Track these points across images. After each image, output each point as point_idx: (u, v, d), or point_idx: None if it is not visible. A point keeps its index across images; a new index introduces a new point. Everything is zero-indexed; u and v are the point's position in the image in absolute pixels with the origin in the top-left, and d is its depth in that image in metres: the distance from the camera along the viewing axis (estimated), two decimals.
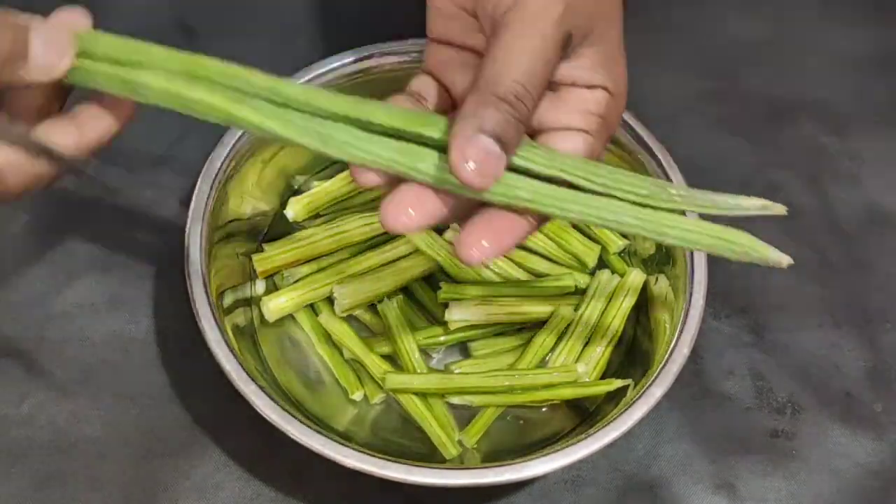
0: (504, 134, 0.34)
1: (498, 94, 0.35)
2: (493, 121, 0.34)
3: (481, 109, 0.34)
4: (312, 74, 0.52)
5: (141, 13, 0.65)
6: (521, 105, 0.35)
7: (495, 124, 0.34)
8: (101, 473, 0.48)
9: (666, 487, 0.49)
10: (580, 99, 0.39)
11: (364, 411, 0.50)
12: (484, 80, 0.35)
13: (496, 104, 0.34)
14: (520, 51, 0.35)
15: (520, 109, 0.35)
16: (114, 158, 0.58)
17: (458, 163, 0.34)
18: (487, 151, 0.34)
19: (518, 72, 0.35)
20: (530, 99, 0.35)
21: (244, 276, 0.52)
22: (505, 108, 0.35)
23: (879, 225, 0.59)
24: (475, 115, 0.34)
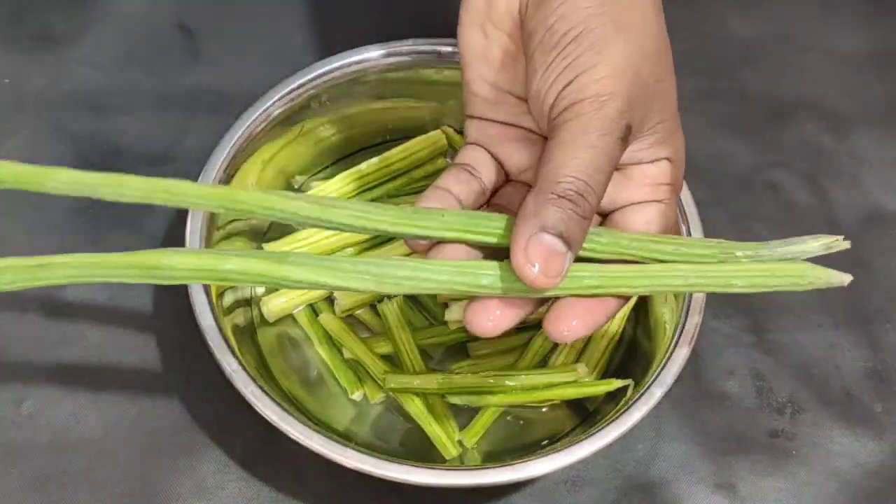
0: (567, 231, 0.34)
1: (558, 192, 0.34)
2: (556, 218, 0.34)
3: (542, 208, 0.34)
4: (312, 74, 0.52)
5: (141, 13, 0.65)
6: (583, 201, 0.34)
7: (558, 222, 0.34)
8: (101, 474, 0.48)
9: (666, 487, 0.49)
10: (646, 175, 0.39)
11: (364, 411, 0.50)
12: (544, 178, 0.34)
13: (557, 202, 0.34)
14: (580, 148, 0.35)
15: (582, 205, 0.34)
16: (114, 158, 0.58)
17: (523, 265, 0.33)
18: (552, 251, 0.33)
19: (579, 168, 0.34)
20: (593, 195, 0.35)
21: None
22: (567, 206, 0.34)
23: (879, 225, 0.59)
24: (536, 214, 0.34)
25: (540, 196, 0.34)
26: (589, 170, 0.34)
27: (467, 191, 0.41)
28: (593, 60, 0.35)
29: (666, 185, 0.40)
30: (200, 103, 0.61)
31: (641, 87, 0.36)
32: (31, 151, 0.58)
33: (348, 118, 0.56)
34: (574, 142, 0.35)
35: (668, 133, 0.39)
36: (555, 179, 0.34)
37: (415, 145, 0.56)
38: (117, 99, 0.61)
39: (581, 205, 0.34)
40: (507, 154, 0.42)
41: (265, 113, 0.51)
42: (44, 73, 0.62)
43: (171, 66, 0.63)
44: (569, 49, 0.36)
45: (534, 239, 0.33)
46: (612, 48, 0.35)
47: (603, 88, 0.35)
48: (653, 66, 0.37)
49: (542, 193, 0.34)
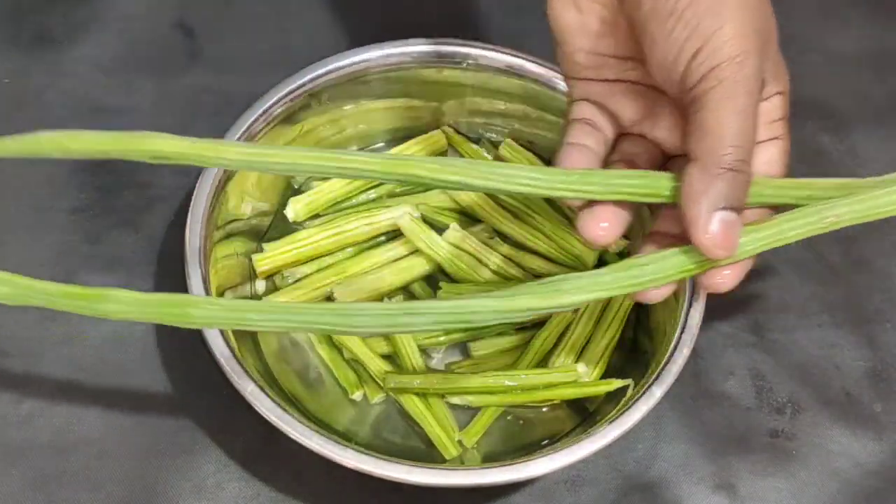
0: (736, 201, 0.36)
1: (723, 166, 0.36)
2: (727, 193, 0.36)
3: (712, 186, 0.36)
4: (312, 74, 0.52)
5: (141, 13, 0.65)
6: (744, 166, 0.36)
7: (730, 196, 0.36)
8: (101, 473, 0.48)
9: (666, 487, 0.49)
10: (763, 113, 0.40)
11: (364, 411, 0.50)
12: (707, 154, 0.36)
13: (724, 176, 0.36)
14: (731, 115, 0.36)
15: (745, 171, 0.36)
16: (114, 159, 0.58)
17: (708, 247, 0.36)
18: (727, 223, 0.36)
19: (735, 137, 0.36)
20: (749, 154, 0.37)
21: (244, 276, 0.52)
22: (732, 177, 0.36)
23: (879, 225, 0.58)
24: (707, 193, 0.36)
25: (706, 172, 0.36)
26: (743, 135, 0.36)
27: (597, 141, 0.42)
28: (717, 23, 0.36)
29: (780, 121, 0.41)
30: (200, 103, 0.61)
31: (761, 39, 0.37)
32: None
33: (348, 118, 0.56)
34: (723, 110, 0.36)
35: (776, 67, 0.40)
36: (718, 153, 0.36)
37: (415, 145, 0.56)
38: (117, 99, 0.61)
39: (743, 170, 0.36)
40: (617, 108, 0.43)
41: (265, 113, 0.51)
42: (44, 73, 0.62)
43: (172, 67, 0.63)
44: (687, 15, 0.36)
45: (713, 219, 0.36)
46: (729, 7, 0.36)
47: (734, 49, 0.36)
48: (762, 13, 0.38)
49: (708, 170, 0.36)
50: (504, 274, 0.53)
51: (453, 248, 0.52)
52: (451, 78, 0.55)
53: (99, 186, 0.57)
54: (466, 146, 0.57)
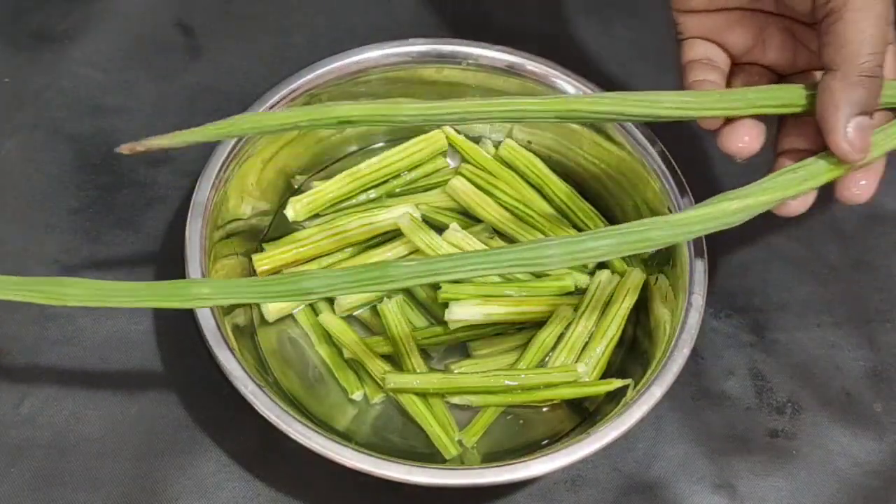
0: (871, 106, 0.39)
1: (863, 73, 0.38)
2: (865, 99, 0.38)
3: (852, 93, 0.38)
4: (312, 74, 0.52)
5: (141, 13, 0.65)
6: (880, 71, 0.39)
7: (868, 102, 0.38)
8: (101, 473, 0.48)
9: (666, 487, 0.49)
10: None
11: (364, 411, 0.50)
12: (846, 61, 0.38)
13: (862, 83, 0.38)
14: (869, 22, 0.38)
15: (879, 75, 0.39)
16: (114, 158, 0.58)
17: (847, 151, 0.39)
18: (863, 128, 0.39)
19: (873, 44, 0.38)
20: (884, 60, 0.39)
21: (244, 275, 0.52)
22: (871, 84, 0.38)
23: (879, 225, 0.59)
24: (848, 100, 0.38)
25: (846, 80, 0.38)
26: (880, 41, 0.38)
27: (718, 76, 0.45)
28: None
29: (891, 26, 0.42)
30: (200, 103, 0.61)
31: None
32: (31, 152, 0.58)
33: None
34: (861, 19, 0.38)
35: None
36: (857, 61, 0.38)
37: (415, 145, 0.56)
38: (117, 99, 0.61)
39: (879, 75, 0.39)
40: (728, 40, 0.46)
41: None
42: (44, 73, 0.62)
43: (171, 66, 0.63)
44: None
45: (853, 126, 0.39)
46: None
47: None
48: None
49: (847, 77, 0.38)
50: (504, 274, 0.53)
51: (453, 248, 0.52)
52: (451, 78, 0.55)
53: (99, 186, 0.57)
54: (466, 146, 0.57)
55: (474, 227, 0.54)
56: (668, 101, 0.42)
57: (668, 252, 0.50)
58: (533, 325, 0.51)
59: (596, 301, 0.51)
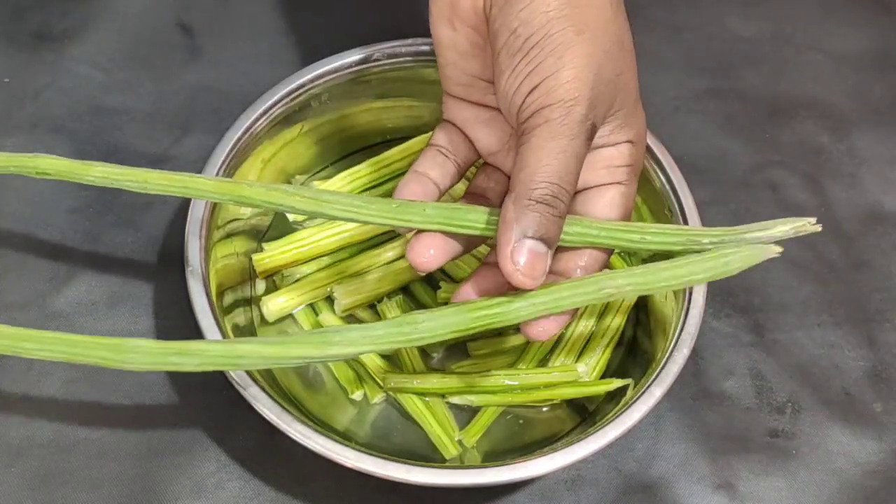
0: (546, 233, 0.37)
1: (534, 198, 0.37)
2: (535, 223, 0.37)
3: (522, 215, 0.37)
4: (313, 74, 0.52)
5: (141, 12, 0.65)
6: (557, 202, 0.37)
7: (537, 226, 0.37)
8: (101, 473, 0.48)
9: (666, 487, 0.49)
10: (607, 157, 0.41)
11: (364, 411, 0.50)
12: (521, 184, 0.37)
13: (534, 207, 0.37)
14: (551, 153, 0.37)
15: (558, 206, 0.37)
16: (113, 158, 0.58)
17: (511, 271, 0.37)
18: (535, 253, 0.37)
19: (550, 173, 0.37)
20: (566, 194, 0.37)
21: (244, 276, 0.52)
22: (544, 210, 0.37)
23: (879, 225, 0.59)
24: (517, 220, 0.37)
25: (518, 203, 0.37)
26: (560, 173, 0.37)
27: (443, 173, 0.44)
28: (556, 65, 0.37)
29: (625, 167, 0.42)
30: (200, 103, 0.61)
31: (604, 86, 0.38)
32: (30, 150, 0.58)
33: (348, 118, 0.56)
34: (544, 147, 0.37)
35: (629, 117, 0.41)
36: (530, 186, 0.37)
37: (415, 145, 0.56)
38: (117, 98, 0.61)
39: (556, 206, 0.37)
40: (478, 136, 0.45)
41: (265, 113, 0.51)
42: (44, 73, 0.62)
43: (171, 66, 0.63)
44: (532, 53, 0.38)
45: (517, 245, 0.37)
46: (573, 52, 0.37)
47: (567, 93, 0.37)
48: (614, 63, 0.39)
49: (519, 200, 0.37)
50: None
51: None
52: None
53: (99, 186, 0.57)
54: None
55: None
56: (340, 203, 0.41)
57: (668, 252, 0.50)
58: None
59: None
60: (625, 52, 0.40)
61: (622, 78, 0.40)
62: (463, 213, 0.41)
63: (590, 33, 0.38)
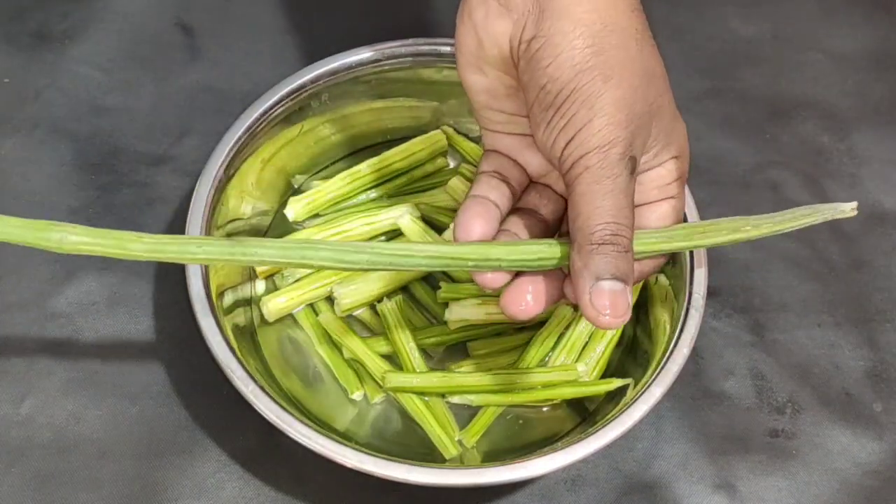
0: (618, 271, 0.37)
1: (596, 241, 0.37)
2: (604, 265, 0.37)
3: (589, 261, 0.37)
4: (312, 74, 0.52)
5: (141, 13, 0.65)
6: (620, 239, 0.38)
7: (607, 266, 0.37)
8: (101, 473, 0.48)
9: (666, 487, 0.49)
10: (655, 178, 0.42)
11: (364, 411, 0.50)
12: (579, 234, 0.38)
13: (598, 250, 0.37)
14: (598, 196, 0.38)
15: (621, 243, 0.38)
16: (113, 158, 0.58)
17: (595, 316, 0.37)
18: (613, 293, 0.37)
19: (604, 214, 0.38)
20: (626, 229, 0.38)
21: (244, 275, 0.52)
22: (608, 250, 0.37)
23: (879, 225, 0.59)
24: (586, 267, 0.37)
25: (582, 251, 0.38)
26: (613, 211, 0.38)
27: (500, 195, 0.44)
28: (588, 115, 0.38)
29: (675, 182, 0.42)
30: (200, 103, 0.61)
31: (637, 120, 0.39)
32: (31, 151, 0.58)
33: (348, 118, 0.56)
34: (591, 193, 0.38)
35: (669, 136, 0.41)
36: (589, 232, 0.38)
37: (415, 145, 0.56)
38: (117, 99, 0.61)
39: (620, 243, 0.38)
40: (527, 160, 0.45)
41: (265, 113, 0.51)
42: (44, 73, 0.62)
43: (171, 66, 0.63)
44: (564, 108, 0.38)
45: (594, 291, 0.37)
46: (603, 100, 0.38)
47: (602, 139, 0.38)
48: (644, 96, 0.39)
49: (582, 248, 0.38)
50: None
51: None
52: (451, 78, 0.55)
53: (99, 186, 0.57)
54: (466, 145, 0.57)
55: None
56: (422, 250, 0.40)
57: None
58: (533, 325, 0.51)
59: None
60: (656, 79, 0.40)
61: (655, 105, 0.40)
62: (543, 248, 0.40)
63: (617, 77, 0.38)
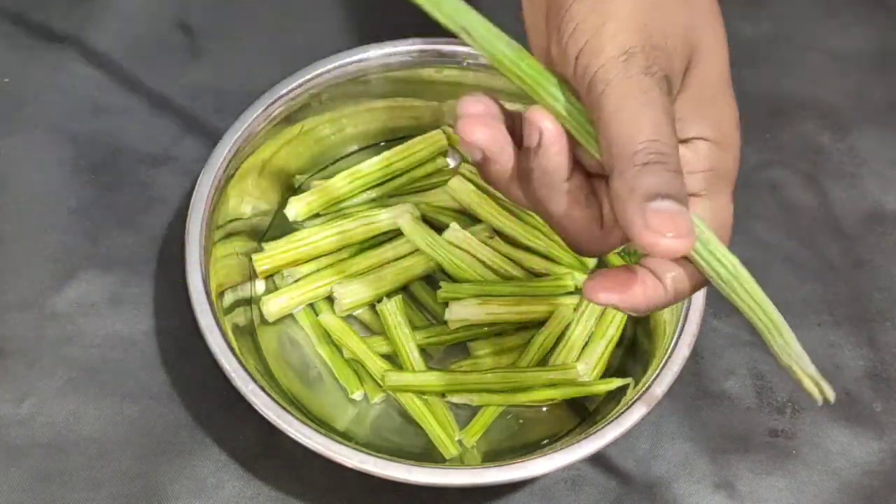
0: (669, 188, 0.30)
1: (639, 163, 0.30)
2: (655, 183, 0.30)
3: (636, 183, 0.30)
4: (312, 74, 0.52)
5: (141, 12, 0.65)
6: (666, 157, 0.30)
7: (659, 186, 0.30)
8: (101, 473, 0.48)
9: (666, 487, 0.49)
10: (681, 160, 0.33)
11: (364, 411, 0.50)
12: (616, 160, 0.30)
13: (644, 170, 0.30)
14: (633, 113, 0.31)
15: (668, 161, 0.30)
16: (114, 158, 0.58)
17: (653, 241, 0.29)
18: (669, 211, 0.30)
19: (645, 131, 0.30)
20: (670, 148, 0.31)
21: (244, 275, 0.52)
22: (656, 168, 0.30)
23: (879, 225, 0.59)
24: (633, 191, 0.30)
25: (625, 175, 0.30)
26: (653, 128, 0.30)
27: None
28: (601, 19, 0.32)
29: (702, 174, 0.34)
30: (200, 103, 0.61)
31: (663, 38, 0.32)
32: (31, 151, 0.58)
33: (348, 118, 0.56)
34: (622, 110, 0.31)
35: (703, 100, 0.34)
36: (627, 155, 0.30)
37: (415, 145, 0.56)
38: (117, 98, 0.61)
39: (667, 161, 0.30)
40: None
41: (265, 113, 0.51)
42: (44, 73, 0.62)
43: (172, 66, 0.63)
44: (574, 9, 0.33)
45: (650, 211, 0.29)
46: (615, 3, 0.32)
47: (618, 48, 0.31)
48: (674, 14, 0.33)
49: (625, 173, 0.30)
50: (504, 274, 0.53)
51: (453, 247, 0.52)
52: (451, 78, 0.55)
53: (99, 186, 0.57)
54: None
55: (474, 226, 0.54)
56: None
57: None
58: (533, 325, 0.51)
59: None
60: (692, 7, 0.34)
61: (694, 35, 0.33)
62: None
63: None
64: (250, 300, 0.52)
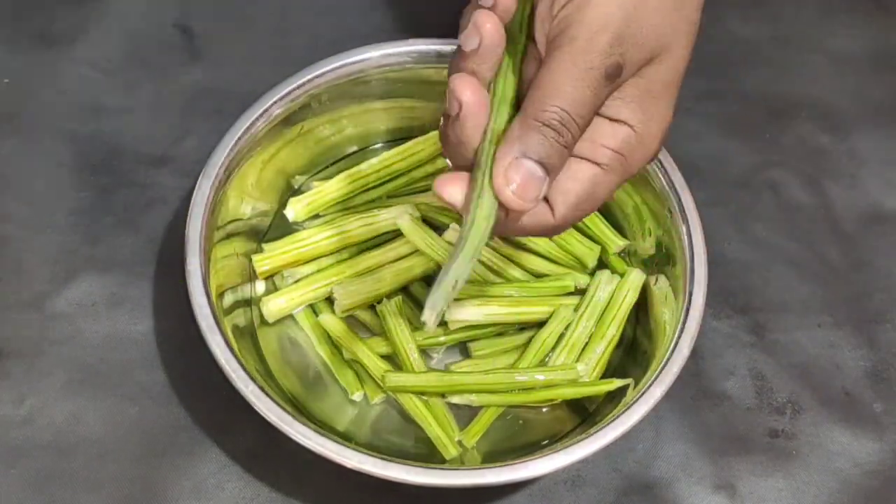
0: (548, 158, 0.35)
1: (542, 120, 0.35)
2: (538, 146, 0.35)
3: (526, 135, 0.35)
4: (312, 74, 0.52)
5: (141, 13, 0.65)
6: (565, 131, 0.35)
7: (539, 148, 0.35)
8: (101, 473, 0.48)
9: (666, 487, 0.49)
10: (598, 130, 0.37)
11: (364, 411, 0.50)
12: (531, 104, 0.35)
13: (540, 129, 0.35)
14: (566, 79, 0.35)
15: (565, 136, 0.35)
16: (114, 158, 0.58)
17: (502, 186, 0.35)
18: (530, 174, 0.35)
19: (563, 99, 0.35)
20: (575, 126, 0.35)
21: (244, 276, 0.52)
22: (549, 133, 0.35)
23: (879, 225, 0.59)
24: (520, 139, 0.35)
25: (525, 122, 0.35)
26: (574, 101, 0.35)
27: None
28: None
29: (612, 152, 0.37)
30: (200, 103, 0.61)
31: (639, 30, 0.36)
32: (31, 151, 0.58)
33: (348, 118, 0.56)
34: (562, 71, 0.35)
35: (646, 94, 0.38)
36: (541, 107, 0.35)
37: (415, 145, 0.56)
38: (117, 99, 0.61)
39: (563, 135, 0.35)
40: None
41: (265, 113, 0.51)
42: (44, 73, 0.62)
43: (171, 66, 0.63)
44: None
45: (515, 163, 0.35)
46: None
47: (598, 19, 0.35)
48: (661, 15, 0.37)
49: (527, 119, 0.35)
50: (504, 274, 0.53)
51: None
52: None
53: (99, 186, 0.57)
54: None
55: None
56: None
57: (668, 252, 0.50)
58: (533, 325, 0.52)
59: (596, 301, 0.51)
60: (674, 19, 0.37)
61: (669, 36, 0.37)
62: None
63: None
64: (250, 301, 0.52)
